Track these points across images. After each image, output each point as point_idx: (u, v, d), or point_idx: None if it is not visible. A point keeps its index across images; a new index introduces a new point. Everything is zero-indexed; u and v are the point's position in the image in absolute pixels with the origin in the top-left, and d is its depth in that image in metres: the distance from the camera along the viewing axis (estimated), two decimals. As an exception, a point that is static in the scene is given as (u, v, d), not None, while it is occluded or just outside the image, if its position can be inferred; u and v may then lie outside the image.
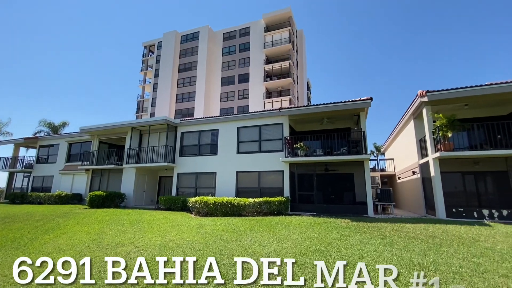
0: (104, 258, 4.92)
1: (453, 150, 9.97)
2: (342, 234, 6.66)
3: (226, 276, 4.18)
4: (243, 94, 35.79)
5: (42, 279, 4.19)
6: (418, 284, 3.56)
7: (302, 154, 11.71)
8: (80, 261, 4.44)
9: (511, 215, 9.12)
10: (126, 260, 4.62)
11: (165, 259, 4.51)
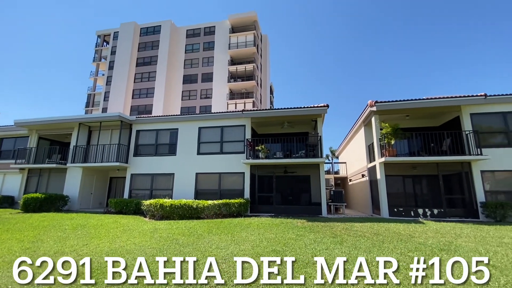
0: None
1: (396, 156, 11.11)
2: (297, 234, 6.92)
3: (184, 276, 4.03)
4: (206, 93, 35.14)
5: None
6: (418, 269, 3.97)
7: (263, 156, 11.91)
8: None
9: (441, 213, 10.47)
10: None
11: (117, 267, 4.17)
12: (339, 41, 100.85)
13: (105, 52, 41.18)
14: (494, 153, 10.35)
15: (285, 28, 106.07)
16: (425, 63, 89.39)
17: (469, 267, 4.04)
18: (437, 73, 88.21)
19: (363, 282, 3.72)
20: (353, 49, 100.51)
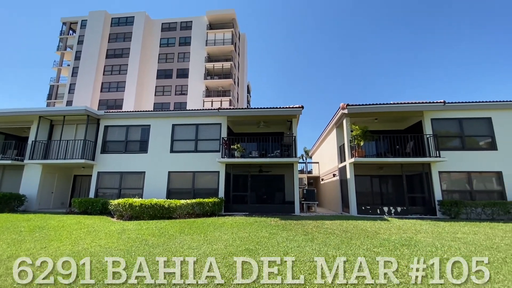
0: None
1: (365, 157, 11.69)
2: (270, 233, 7.01)
3: (155, 277, 3.89)
4: (181, 90, 34.23)
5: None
6: (418, 270, 4.13)
7: (239, 155, 11.89)
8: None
9: (404, 211, 11.21)
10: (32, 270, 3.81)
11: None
12: (316, 43, 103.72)
13: (71, 41, 38.41)
14: (450, 156, 11.32)
15: (263, 28, 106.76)
16: (400, 65, 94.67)
17: (425, 261, 4.37)
18: (415, 74, 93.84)
19: (335, 282, 3.86)
20: (329, 51, 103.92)
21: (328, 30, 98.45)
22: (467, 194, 11.23)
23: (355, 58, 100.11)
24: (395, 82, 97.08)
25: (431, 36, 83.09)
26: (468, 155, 11.46)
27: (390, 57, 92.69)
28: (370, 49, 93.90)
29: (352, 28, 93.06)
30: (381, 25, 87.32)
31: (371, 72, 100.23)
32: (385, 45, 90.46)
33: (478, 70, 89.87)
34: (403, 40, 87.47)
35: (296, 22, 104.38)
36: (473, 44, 79.56)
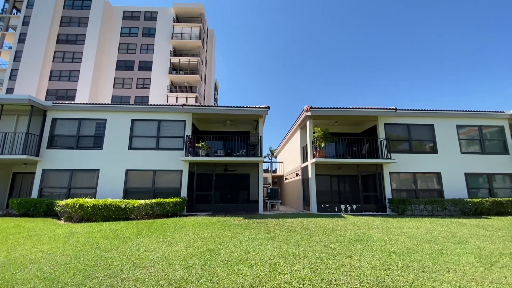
0: None
1: (325, 157, 12.28)
2: (233, 232, 6.98)
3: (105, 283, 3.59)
4: (143, 83, 32.39)
5: None
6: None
7: (203, 154, 11.63)
8: None
9: (359, 208, 12.02)
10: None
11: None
12: (284, 43, 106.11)
13: (15, 21, 33.91)
14: (400, 158, 12.44)
15: (232, 26, 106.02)
16: (364, 68, 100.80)
17: (373, 254, 4.72)
18: (377, 77, 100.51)
19: (295, 275, 3.97)
20: (297, 52, 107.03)
21: (298, 32, 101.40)
22: (413, 192, 12.46)
23: (322, 61, 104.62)
24: (361, 84, 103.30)
25: (383, 40, 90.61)
26: (414, 158, 12.72)
27: (357, 60, 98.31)
28: (337, 52, 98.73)
29: (320, 31, 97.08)
30: (347, 29, 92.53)
31: (337, 76, 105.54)
32: (352, 48, 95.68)
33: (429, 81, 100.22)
34: (368, 43, 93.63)
35: (268, 22, 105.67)
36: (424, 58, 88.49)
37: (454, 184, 12.47)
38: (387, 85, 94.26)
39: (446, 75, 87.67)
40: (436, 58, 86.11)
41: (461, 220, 9.64)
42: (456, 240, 6.43)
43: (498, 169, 12.83)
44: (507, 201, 11.40)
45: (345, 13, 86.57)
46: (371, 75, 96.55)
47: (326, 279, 3.81)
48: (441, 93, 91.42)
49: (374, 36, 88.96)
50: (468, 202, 11.29)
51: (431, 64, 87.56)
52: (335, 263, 4.51)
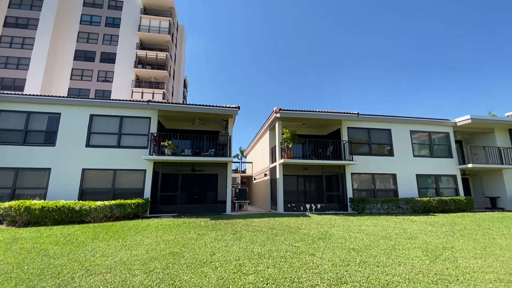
0: None
1: (293, 158, 12.60)
2: (199, 234, 6.82)
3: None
4: (105, 76, 30.28)
5: None
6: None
7: (170, 153, 11.21)
8: None
9: (323, 207, 12.53)
10: None
11: None
12: (258, 45, 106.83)
13: None
14: (361, 159, 13.24)
15: (203, 23, 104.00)
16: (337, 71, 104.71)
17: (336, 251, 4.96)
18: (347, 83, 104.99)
19: (258, 278, 3.98)
20: (269, 54, 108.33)
21: (272, 33, 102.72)
22: (372, 192, 13.35)
23: (294, 63, 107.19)
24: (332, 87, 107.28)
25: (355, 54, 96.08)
26: (373, 160, 13.63)
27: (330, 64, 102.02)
28: (309, 55, 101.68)
29: (293, 32, 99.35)
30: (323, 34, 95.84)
31: (308, 79, 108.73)
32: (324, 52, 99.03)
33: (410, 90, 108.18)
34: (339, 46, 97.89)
35: (242, 23, 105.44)
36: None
37: (407, 184, 13.62)
38: (358, 87, 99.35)
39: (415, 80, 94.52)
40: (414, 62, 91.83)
41: (412, 217, 10.56)
42: (407, 236, 7.01)
43: (443, 171, 14.30)
44: (450, 200, 12.75)
45: (321, 14, 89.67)
46: (340, 77, 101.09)
47: (289, 277, 3.90)
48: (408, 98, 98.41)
49: (347, 39, 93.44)
50: (418, 201, 12.41)
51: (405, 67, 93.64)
52: (298, 262, 4.63)
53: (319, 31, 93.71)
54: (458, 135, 16.32)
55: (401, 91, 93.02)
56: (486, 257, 5.20)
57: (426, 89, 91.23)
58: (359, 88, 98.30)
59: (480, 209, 14.50)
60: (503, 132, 15.58)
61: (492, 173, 15.21)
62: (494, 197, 14.76)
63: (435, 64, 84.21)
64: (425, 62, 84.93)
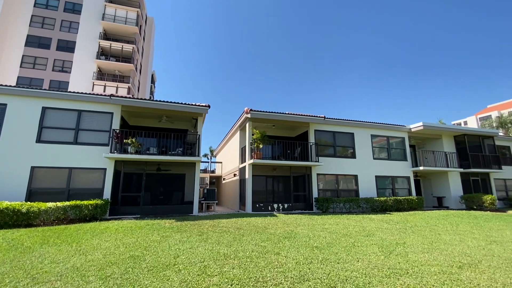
0: None
1: (262, 159, 12.73)
2: (163, 236, 6.57)
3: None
4: (63, 66, 27.77)
5: None
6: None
7: (133, 151, 10.63)
8: None
9: (290, 207, 12.84)
10: None
11: None
12: (230, 46, 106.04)
13: None
14: (326, 161, 13.83)
15: (174, 17, 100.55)
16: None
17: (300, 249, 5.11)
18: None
19: (224, 276, 3.94)
20: (242, 55, 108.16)
21: (246, 36, 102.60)
22: (335, 192, 14.01)
23: (267, 66, 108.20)
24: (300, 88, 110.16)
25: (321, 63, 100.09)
26: (337, 161, 14.33)
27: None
28: (282, 59, 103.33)
29: (266, 38, 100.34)
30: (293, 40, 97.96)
31: (280, 81, 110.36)
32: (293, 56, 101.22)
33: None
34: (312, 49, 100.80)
35: (216, 23, 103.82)
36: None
37: (367, 185, 14.54)
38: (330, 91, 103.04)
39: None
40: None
41: (371, 216, 11.29)
42: (365, 234, 7.48)
43: (399, 173, 15.52)
44: (404, 199, 13.89)
45: (293, 23, 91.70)
46: (311, 82, 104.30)
47: (254, 277, 3.92)
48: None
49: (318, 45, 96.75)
50: (376, 201, 13.31)
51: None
52: (263, 261, 4.69)
53: (294, 42, 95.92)
54: (412, 140, 17.85)
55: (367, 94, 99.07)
56: (432, 251, 5.75)
57: (386, 96, 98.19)
58: (331, 92, 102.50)
59: (429, 207, 16.02)
60: (449, 139, 17.40)
61: (439, 175, 16.89)
62: (440, 196, 16.41)
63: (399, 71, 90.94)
64: (393, 66, 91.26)
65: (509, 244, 6.56)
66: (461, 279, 4.06)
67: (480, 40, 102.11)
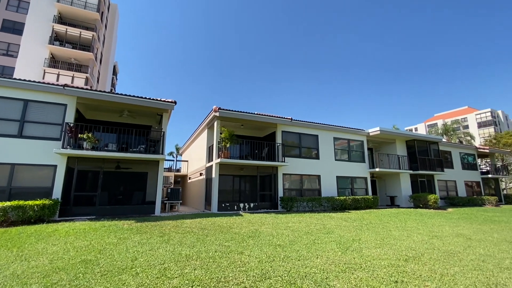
0: None
1: (230, 158, 12.67)
2: (120, 238, 6.19)
3: None
4: (8, 49, 24.67)
5: None
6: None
7: (89, 147, 9.85)
8: None
9: (256, 206, 12.96)
10: None
11: None
12: (200, 43, 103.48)
13: None
14: (292, 161, 14.23)
15: (142, 6, 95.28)
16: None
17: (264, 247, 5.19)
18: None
19: (185, 278, 3.84)
20: (212, 53, 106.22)
21: (216, 33, 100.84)
22: (300, 191, 14.49)
23: (236, 64, 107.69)
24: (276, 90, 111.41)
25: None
26: (303, 162, 14.84)
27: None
28: (253, 58, 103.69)
29: (236, 37, 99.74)
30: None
31: (250, 80, 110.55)
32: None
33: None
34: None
35: (184, 19, 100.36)
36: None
37: (329, 184, 15.29)
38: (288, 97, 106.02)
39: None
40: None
41: (331, 214, 11.90)
42: (326, 231, 7.86)
43: (357, 173, 16.58)
44: (361, 199, 14.88)
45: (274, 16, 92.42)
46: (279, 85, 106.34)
47: (216, 277, 3.89)
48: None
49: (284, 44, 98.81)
50: (337, 200, 14.07)
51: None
52: (226, 261, 4.67)
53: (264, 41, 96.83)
54: (370, 144, 19.18)
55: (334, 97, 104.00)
56: (383, 246, 6.24)
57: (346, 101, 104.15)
58: (291, 97, 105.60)
59: (383, 206, 17.38)
60: (402, 143, 19.05)
61: (392, 176, 18.41)
62: (393, 196, 17.90)
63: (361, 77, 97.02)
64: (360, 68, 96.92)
65: (447, 239, 7.39)
66: (406, 271, 4.47)
67: (419, 49, 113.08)
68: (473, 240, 7.28)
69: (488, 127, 77.14)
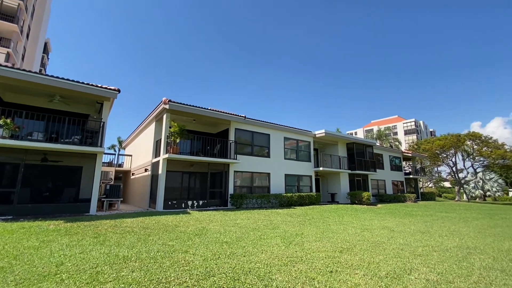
0: None
1: (179, 154, 12.15)
2: (44, 240, 5.40)
3: None
4: None
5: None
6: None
7: (7, 134, 8.36)
8: None
9: (205, 204, 12.71)
10: None
11: None
12: (153, 31, 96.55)
13: None
14: (244, 159, 14.36)
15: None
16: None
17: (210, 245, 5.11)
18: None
19: (120, 281, 3.53)
20: (166, 43, 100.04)
21: (170, 22, 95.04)
22: (250, 189, 14.72)
23: (192, 56, 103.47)
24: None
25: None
26: (254, 160, 15.10)
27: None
28: (209, 51, 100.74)
29: (193, 27, 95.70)
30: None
31: (203, 75, 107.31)
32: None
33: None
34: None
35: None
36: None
37: (278, 182, 15.90)
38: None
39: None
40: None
41: (278, 210, 12.39)
42: (272, 227, 8.14)
43: (304, 172, 17.61)
44: (306, 195, 15.85)
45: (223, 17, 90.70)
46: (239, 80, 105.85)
47: (156, 278, 3.69)
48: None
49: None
50: (284, 196, 14.72)
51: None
52: (169, 261, 4.47)
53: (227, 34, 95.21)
54: (316, 144, 20.57)
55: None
56: (322, 240, 6.75)
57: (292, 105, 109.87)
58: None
59: (325, 202, 18.82)
60: (343, 145, 20.89)
61: (333, 175, 20.06)
62: (333, 193, 19.53)
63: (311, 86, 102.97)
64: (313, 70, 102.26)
65: (375, 231, 8.37)
66: (340, 261, 4.91)
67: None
68: (395, 231, 8.40)
69: (412, 135, 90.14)
